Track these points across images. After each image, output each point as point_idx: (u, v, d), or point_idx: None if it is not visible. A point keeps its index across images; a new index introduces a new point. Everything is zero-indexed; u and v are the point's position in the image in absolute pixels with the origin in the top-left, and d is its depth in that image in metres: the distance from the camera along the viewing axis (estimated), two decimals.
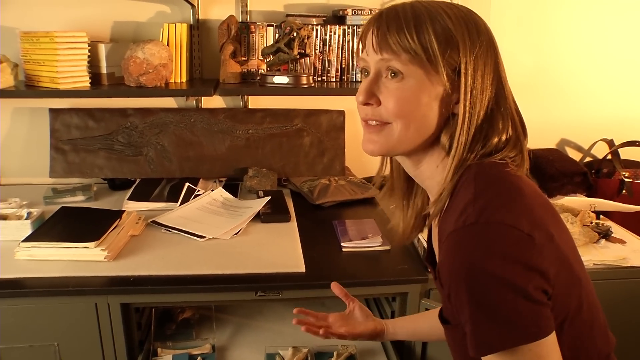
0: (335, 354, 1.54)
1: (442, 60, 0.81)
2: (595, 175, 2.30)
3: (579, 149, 2.51)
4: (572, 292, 0.82)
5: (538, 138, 2.41)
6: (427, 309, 1.53)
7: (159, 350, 1.57)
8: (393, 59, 0.83)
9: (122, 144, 2.12)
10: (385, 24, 0.84)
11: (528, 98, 2.39)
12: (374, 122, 0.87)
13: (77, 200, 2.00)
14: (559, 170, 2.17)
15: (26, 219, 1.71)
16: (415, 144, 0.86)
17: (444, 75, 0.82)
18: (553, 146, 2.49)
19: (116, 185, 2.15)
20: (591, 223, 1.84)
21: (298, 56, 1.94)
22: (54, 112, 2.12)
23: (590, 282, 0.89)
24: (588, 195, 2.14)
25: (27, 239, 1.57)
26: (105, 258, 1.54)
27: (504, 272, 0.72)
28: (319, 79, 2.13)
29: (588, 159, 2.48)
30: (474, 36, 0.83)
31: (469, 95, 0.82)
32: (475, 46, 0.82)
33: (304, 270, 1.53)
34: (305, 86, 1.96)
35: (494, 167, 0.83)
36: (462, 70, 0.82)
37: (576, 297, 0.83)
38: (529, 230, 0.75)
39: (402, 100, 0.84)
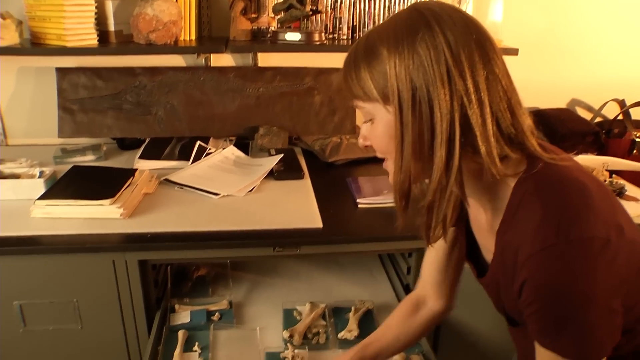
0: (352, 309, 1.55)
1: (384, 95, 0.81)
2: (606, 135, 2.29)
3: (589, 109, 2.49)
4: None
5: (549, 98, 2.40)
6: None
7: (177, 306, 1.57)
8: (357, 104, 0.86)
9: (131, 104, 2.10)
10: (342, 71, 0.86)
11: (539, 58, 2.37)
12: (380, 156, 0.90)
13: (87, 160, 1.98)
14: (570, 130, 2.16)
15: (39, 177, 1.70)
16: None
17: (395, 107, 0.79)
18: (564, 106, 2.47)
19: (125, 144, 2.14)
20: (605, 181, 1.84)
21: (310, 12, 1.91)
22: (60, 71, 2.08)
23: None
24: (599, 155, 2.13)
25: (42, 197, 1.56)
26: (120, 215, 1.54)
27: (590, 290, 0.74)
28: (330, 36, 2.10)
29: (599, 119, 2.46)
30: (405, 50, 0.78)
31: (429, 112, 0.78)
32: (406, 58, 0.78)
33: (321, 226, 1.53)
34: (318, 43, 1.94)
35: (548, 171, 0.81)
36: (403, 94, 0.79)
37: None
38: (606, 233, 0.75)
39: (377, 142, 0.87)
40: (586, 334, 0.77)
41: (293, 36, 1.92)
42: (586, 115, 2.46)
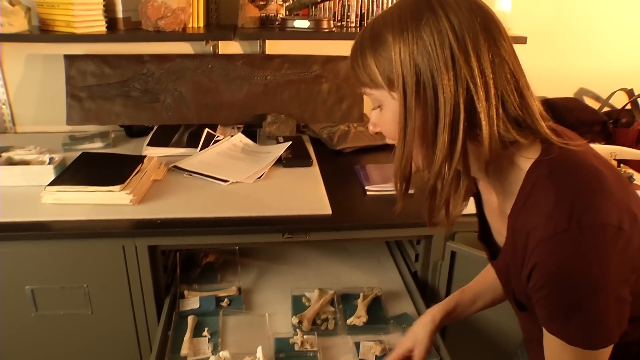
0: (361, 295, 1.56)
1: (389, 82, 0.81)
2: (613, 125, 2.29)
3: (597, 98, 2.49)
4: None
5: (556, 87, 2.39)
6: (452, 251, 1.54)
7: (186, 292, 1.58)
8: (365, 91, 0.87)
9: (139, 91, 2.10)
10: (350, 59, 0.86)
11: (547, 47, 2.36)
12: (390, 142, 0.90)
13: (95, 147, 1.99)
14: (578, 119, 2.16)
15: (48, 164, 1.70)
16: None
17: (400, 92, 0.80)
18: (571, 95, 2.47)
19: (133, 132, 2.14)
20: None
21: (319, 0, 1.90)
22: (68, 58, 2.08)
23: None
24: (607, 144, 2.13)
25: (52, 183, 1.56)
26: (130, 202, 1.54)
27: (601, 277, 0.74)
28: (338, 24, 2.09)
29: (606, 108, 2.46)
30: (410, 36, 0.78)
31: (438, 95, 0.78)
32: (411, 42, 0.78)
33: (330, 212, 1.53)
34: (326, 31, 1.93)
35: (564, 156, 0.80)
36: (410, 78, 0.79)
37: None
38: (619, 221, 0.74)
39: (386, 128, 0.87)
40: (595, 321, 0.77)
41: (301, 23, 1.92)
42: (594, 104, 2.45)
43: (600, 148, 1.99)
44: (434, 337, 1.19)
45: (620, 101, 2.39)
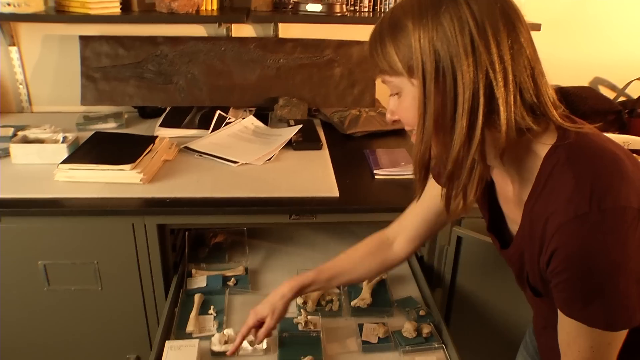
0: None
1: (409, 69, 0.81)
2: (628, 115, 2.25)
3: (612, 87, 2.45)
4: None
5: (571, 75, 2.36)
6: (458, 237, 1.54)
7: (193, 271, 1.60)
8: (384, 78, 0.87)
9: (153, 72, 2.12)
10: (368, 46, 0.87)
11: (562, 34, 2.33)
12: (408, 129, 0.90)
13: (108, 127, 2.02)
14: (592, 108, 2.13)
15: (62, 142, 1.73)
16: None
17: (419, 79, 0.80)
18: (586, 84, 2.43)
19: (146, 113, 2.16)
20: None
21: None
22: (84, 39, 2.11)
23: None
24: (621, 134, 2.10)
25: (65, 161, 1.59)
26: (140, 180, 1.57)
27: (622, 260, 0.74)
28: (352, 8, 2.09)
29: (622, 98, 2.42)
30: (429, 23, 0.78)
31: (454, 84, 0.78)
32: (432, 30, 0.78)
33: (337, 195, 1.54)
34: (339, 15, 1.93)
35: (581, 141, 0.80)
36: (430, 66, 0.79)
37: None
38: (638, 203, 0.74)
39: (404, 115, 0.87)
40: (614, 303, 0.77)
41: (314, 7, 1.92)
42: (609, 94, 2.42)
43: (613, 137, 1.96)
44: (287, 308, 1.25)
45: (636, 91, 2.36)
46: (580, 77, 2.41)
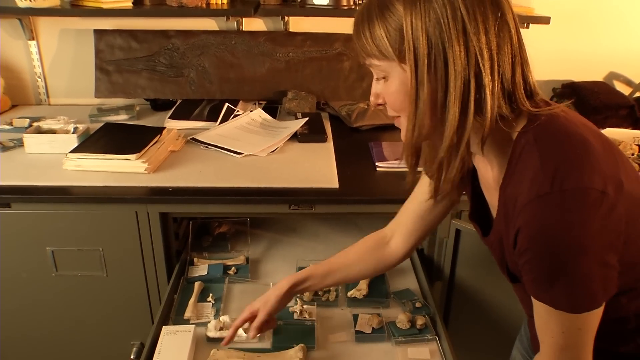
0: None
1: (399, 53, 0.80)
2: None
3: (628, 83, 2.39)
4: None
5: (585, 70, 2.32)
6: (457, 229, 1.54)
7: (195, 260, 1.63)
8: (371, 62, 0.85)
9: (164, 65, 2.15)
10: (354, 29, 0.85)
11: (574, 28, 2.28)
12: (393, 114, 0.90)
13: (120, 119, 2.06)
14: (603, 103, 2.09)
15: (73, 133, 1.78)
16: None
17: (411, 64, 0.79)
18: (600, 79, 2.38)
19: (158, 105, 2.20)
20: (632, 155, 1.78)
21: None
22: (98, 33, 2.16)
23: None
24: (633, 130, 2.06)
25: (74, 151, 1.64)
26: (145, 170, 1.60)
27: (584, 241, 0.74)
28: (360, 1, 2.09)
29: (638, 94, 2.37)
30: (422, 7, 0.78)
31: (444, 71, 0.78)
32: (424, 16, 0.77)
33: (337, 186, 1.55)
34: (346, 8, 1.93)
35: (549, 123, 0.80)
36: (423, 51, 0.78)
37: None
38: (602, 186, 0.74)
39: (391, 99, 0.86)
40: (578, 285, 0.76)
41: (321, 0, 1.93)
42: (625, 89, 2.36)
43: (622, 132, 1.93)
44: (280, 303, 1.23)
45: None
46: (595, 71, 2.36)
